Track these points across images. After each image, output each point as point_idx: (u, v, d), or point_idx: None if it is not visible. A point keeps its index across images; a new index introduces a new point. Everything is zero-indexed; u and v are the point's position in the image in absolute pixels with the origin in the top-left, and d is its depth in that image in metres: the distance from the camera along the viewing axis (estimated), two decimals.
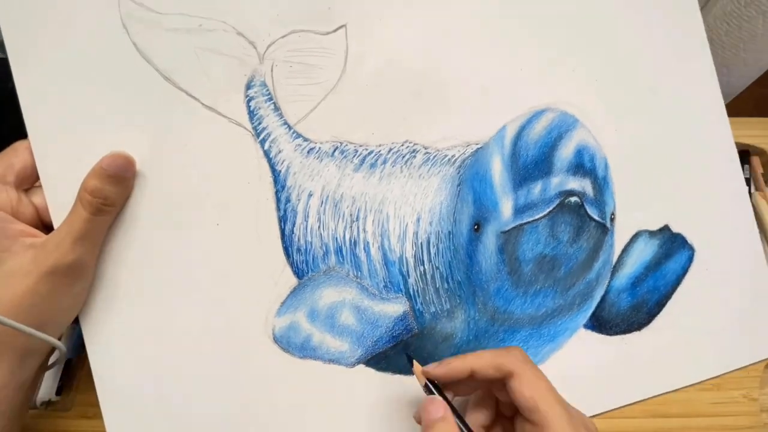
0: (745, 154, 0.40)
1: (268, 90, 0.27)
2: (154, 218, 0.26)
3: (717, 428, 0.29)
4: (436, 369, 0.23)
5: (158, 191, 0.26)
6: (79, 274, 0.24)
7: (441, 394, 0.23)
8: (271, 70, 0.27)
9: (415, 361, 0.24)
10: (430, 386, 0.23)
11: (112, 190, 0.24)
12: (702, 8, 0.41)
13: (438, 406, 0.21)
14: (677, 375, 0.30)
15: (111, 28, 0.26)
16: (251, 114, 0.27)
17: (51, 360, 0.27)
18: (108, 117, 0.26)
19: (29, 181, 0.26)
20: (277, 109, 0.27)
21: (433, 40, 0.29)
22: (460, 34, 0.29)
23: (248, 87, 0.27)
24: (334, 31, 0.28)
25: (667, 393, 0.29)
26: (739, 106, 0.46)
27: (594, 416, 0.29)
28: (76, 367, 0.32)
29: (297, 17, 0.27)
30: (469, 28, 0.29)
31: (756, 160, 0.40)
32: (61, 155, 0.26)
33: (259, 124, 0.27)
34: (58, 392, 0.31)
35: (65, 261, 0.23)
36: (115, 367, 0.26)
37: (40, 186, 0.26)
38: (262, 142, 0.27)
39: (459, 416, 0.22)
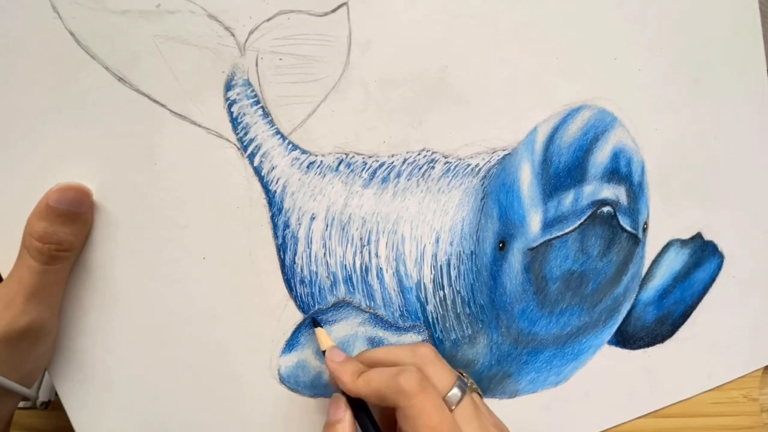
0: None
1: (253, 90, 0.22)
2: (124, 257, 0.22)
3: (717, 428, 0.29)
4: (331, 363, 0.21)
5: (125, 224, 0.21)
6: (38, 336, 0.20)
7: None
8: (256, 65, 0.22)
9: (319, 329, 0.23)
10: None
11: (66, 231, 0.19)
12: None
13: (338, 408, 0.21)
14: (696, 384, 0.29)
15: (38, 13, 0.19)
16: (234, 122, 0.22)
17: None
18: (49, 134, 0.20)
19: None
20: (266, 114, 0.22)
21: (454, 22, 0.23)
22: (486, 15, 0.24)
23: (228, 87, 0.22)
24: (333, 11, 0.22)
25: (685, 400, 0.29)
26: None
27: (613, 427, 0.29)
28: None
29: None
30: (497, 11, 0.24)
31: None
32: None
33: (246, 134, 0.22)
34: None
35: (19, 325, 0.19)
36: (103, 423, 0.23)
37: None
38: (251, 157, 0.22)
39: (369, 415, 0.21)
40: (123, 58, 0.20)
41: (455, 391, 0.20)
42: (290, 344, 0.24)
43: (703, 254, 0.29)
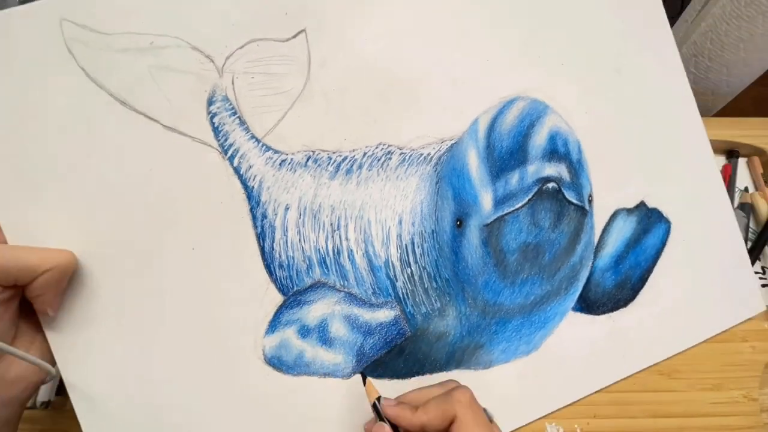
0: (733, 153, 0.40)
1: (231, 104, 0.26)
2: (124, 248, 0.25)
3: (717, 428, 0.29)
4: (390, 409, 0.22)
5: (125, 220, 0.25)
6: None
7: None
8: (232, 83, 0.26)
9: (368, 379, 0.24)
10: (378, 408, 0.23)
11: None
12: (702, 8, 0.42)
13: None
14: (665, 345, 0.30)
15: (55, 54, 0.24)
16: (216, 131, 0.26)
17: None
18: (62, 148, 0.25)
19: None
20: (242, 123, 0.26)
21: (396, 37, 0.28)
22: (424, 29, 0.28)
23: (210, 103, 0.26)
24: (294, 36, 0.27)
25: (656, 363, 0.30)
26: (739, 106, 0.46)
27: (593, 393, 0.29)
28: None
29: (253, 26, 0.26)
30: (433, 23, 0.28)
31: (756, 160, 0.39)
32: (13, 197, 0.24)
33: (226, 140, 0.26)
34: (58, 392, 0.30)
35: None
36: (98, 407, 0.25)
37: None
38: (231, 159, 0.26)
39: None
40: (124, 86, 0.25)
41: (487, 414, 0.23)
42: (273, 325, 0.26)
43: (650, 221, 0.31)
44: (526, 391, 0.29)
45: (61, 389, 0.30)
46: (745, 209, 0.37)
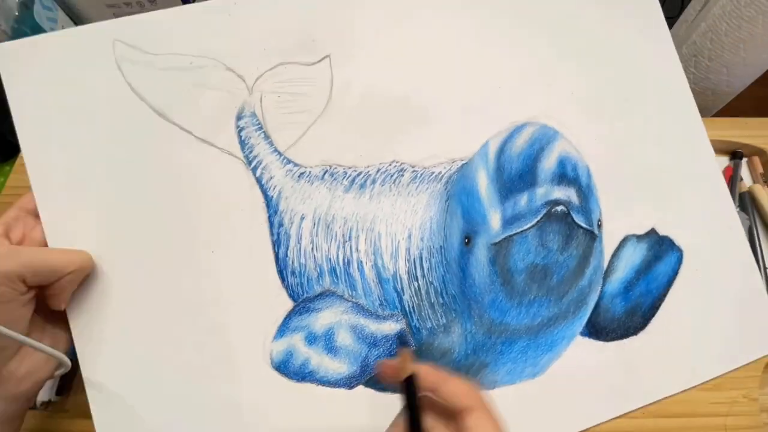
0: (736, 154, 0.40)
1: (257, 120, 0.29)
2: (149, 247, 0.27)
3: (717, 428, 0.29)
4: (428, 375, 0.21)
5: (154, 221, 0.27)
6: None
7: (414, 394, 0.22)
8: (260, 101, 0.29)
9: (407, 350, 0.23)
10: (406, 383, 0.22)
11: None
12: (702, 8, 0.42)
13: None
14: (676, 379, 0.29)
15: (106, 69, 0.27)
16: (242, 143, 0.28)
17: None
18: (105, 154, 0.27)
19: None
20: (267, 137, 0.28)
21: (413, 65, 0.30)
22: (439, 58, 0.30)
23: (239, 118, 0.28)
24: (319, 61, 0.29)
25: (667, 398, 0.29)
26: (739, 106, 0.46)
27: (597, 425, 0.29)
28: (75, 368, 0.32)
29: (283, 50, 0.29)
30: (447, 52, 0.30)
31: (756, 160, 0.40)
32: (58, 197, 0.26)
33: (251, 152, 0.28)
34: (58, 392, 0.31)
35: None
36: (112, 401, 0.26)
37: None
38: (254, 170, 0.28)
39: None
40: (163, 100, 0.28)
41: None
42: (281, 330, 0.27)
43: (661, 248, 0.31)
44: (530, 415, 0.28)
45: (61, 389, 0.31)
46: (744, 200, 0.36)
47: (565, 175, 0.30)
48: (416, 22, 0.30)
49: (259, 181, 0.28)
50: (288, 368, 0.27)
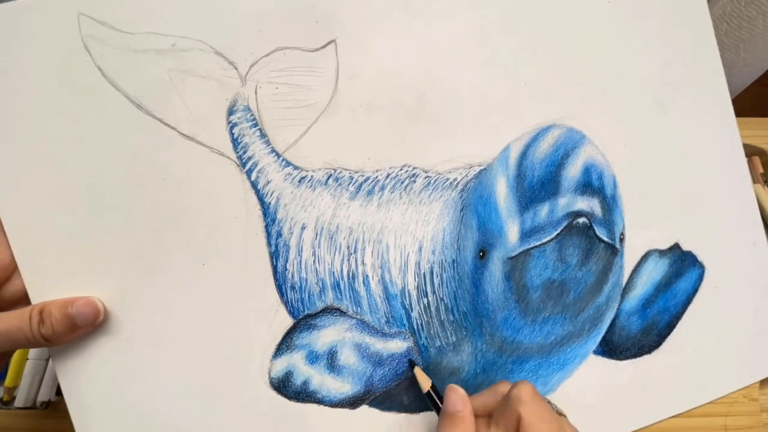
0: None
1: (252, 115, 0.25)
2: (132, 260, 0.24)
3: (717, 428, 0.29)
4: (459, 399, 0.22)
5: (135, 232, 0.24)
6: None
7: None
8: (255, 93, 0.25)
9: (417, 368, 0.24)
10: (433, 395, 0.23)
11: (62, 335, 0.22)
12: None
13: (458, 399, 0.22)
14: (687, 397, 0.29)
15: (71, 51, 0.23)
16: (235, 142, 0.25)
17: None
18: (71, 151, 0.23)
19: None
20: (263, 135, 0.25)
21: (430, 55, 0.26)
22: (459, 48, 0.27)
23: (230, 112, 0.25)
24: (323, 47, 0.26)
25: (679, 415, 0.29)
26: (739, 106, 0.45)
27: None
28: None
29: (281, 33, 0.25)
30: (469, 42, 0.27)
31: (756, 160, 0.40)
32: (23, 202, 0.23)
33: (244, 152, 0.25)
34: (58, 392, 0.30)
35: None
36: (96, 419, 0.24)
37: None
38: (249, 173, 0.25)
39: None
40: (141, 89, 0.24)
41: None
42: (280, 348, 0.25)
43: (683, 264, 0.29)
44: None
45: (60, 389, 0.30)
46: None
47: (590, 184, 0.28)
48: (436, 10, 0.26)
49: (254, 185, 0.25)
50: (288, 388, 0.25)
